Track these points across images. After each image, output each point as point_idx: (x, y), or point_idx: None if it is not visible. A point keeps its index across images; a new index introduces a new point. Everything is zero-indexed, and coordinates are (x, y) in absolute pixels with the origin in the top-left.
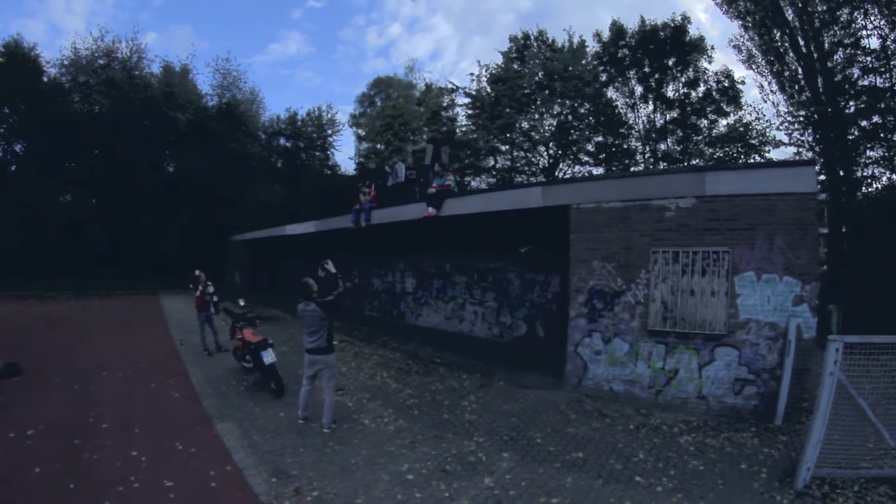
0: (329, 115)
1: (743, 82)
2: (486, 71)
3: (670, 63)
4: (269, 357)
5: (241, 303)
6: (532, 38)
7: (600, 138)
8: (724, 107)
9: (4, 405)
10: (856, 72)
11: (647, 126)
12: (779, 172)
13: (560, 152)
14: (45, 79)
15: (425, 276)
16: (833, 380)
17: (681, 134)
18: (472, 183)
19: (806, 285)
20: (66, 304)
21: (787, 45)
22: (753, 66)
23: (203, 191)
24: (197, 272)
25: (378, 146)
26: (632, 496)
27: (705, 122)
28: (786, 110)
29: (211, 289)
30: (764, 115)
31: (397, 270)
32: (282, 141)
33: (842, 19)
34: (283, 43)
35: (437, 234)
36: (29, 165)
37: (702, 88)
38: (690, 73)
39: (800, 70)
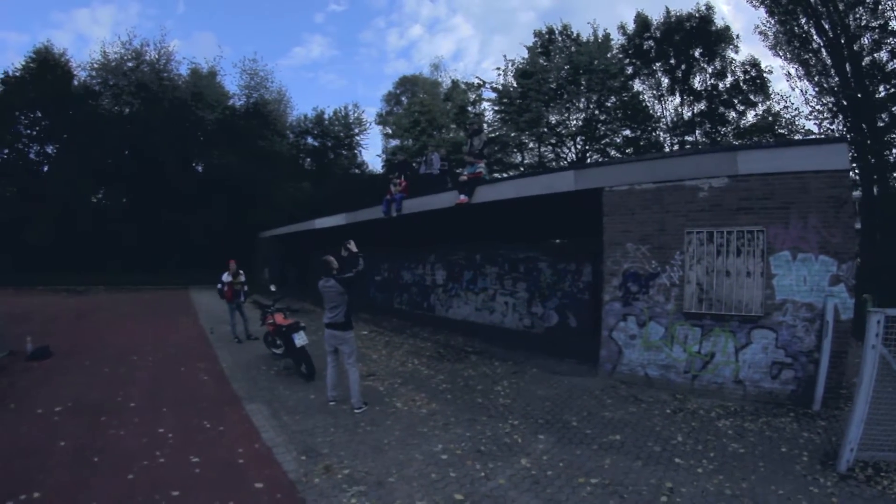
0: (356, 115)
1: (770, 71)
2: (511, 66)
3: (696, 54)
4: (300, 339)
5: (273, 288)
6: (556, 32)
7: (628, 132)
8: (752, 97)
9: (33, 385)
10: (884, 55)
11: (675, 119)
12: (811, 150)
13: (588, 147)
14: (76, 82)
15: (455, 267)
16: (875, 353)
17: (709, 126)
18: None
19: (842, 264)
20: (97, 297)
21: (812, 29)
22: (780, 53)
23: (232, 188)
24: (230, 262)
25: (407, 142)
26: (672, 477)
27: (733, 113)
28: (814, 97)
29: (242, 278)
30: (792, 104)
31: (427, 263)
32: (309, 140)
33: (867, 1)
34: (306, 46)
35: (468, 226)
36: (61, 166)
37: (729, 79)
38: (717, 64)
39: (826, 56)
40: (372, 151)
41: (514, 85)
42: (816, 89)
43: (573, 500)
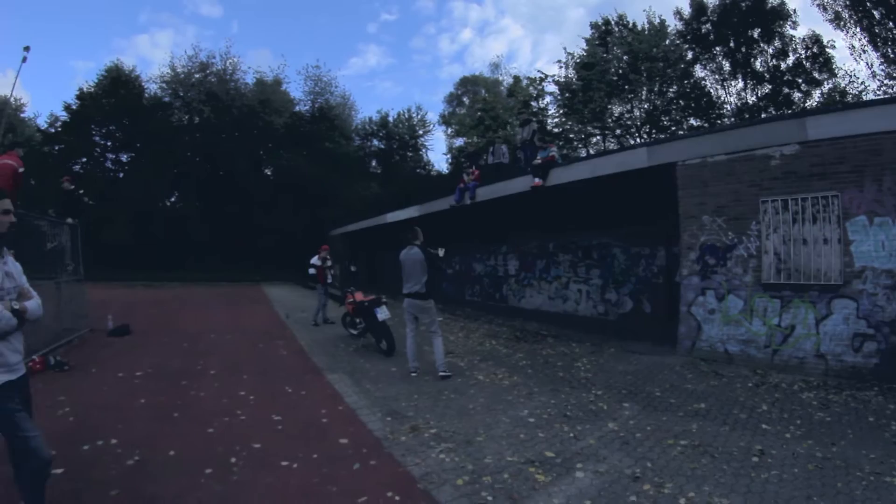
0: (419, 116)
1: (832, 45)
2: (571, 59)
3: (755, 35)
4: (382, 314)
5: (353, 269)
6: (612, 22)
7: (693, 121)
8: (817, 75)
9: (114, 355)
10: None
11: (739, 104)
12: (882, 110)
13: (652, 138)
14: (147, 95)
15: (528, 257)
16: None
17: (774, 110)
18: None
19: None
20: (172, 290)
21: None
22: (841, 26)
23: (301, 189)
24: (322, 247)
25: (473, 139)
26: (760, 441)
27: (798, 94)
28: (881, 68)
29: (329, 262)
30: (857, 78)
31: (499, 254)
32: (375, 142)
33: None
34: (362, 56)
35: (540, 214)
36: (136, 172)
37: (791, 58)
38: (777, 43)
39: (893, 25)
40: (437, 152)
41: (576, 78)
42: (883, 60)
43: (664, 458)
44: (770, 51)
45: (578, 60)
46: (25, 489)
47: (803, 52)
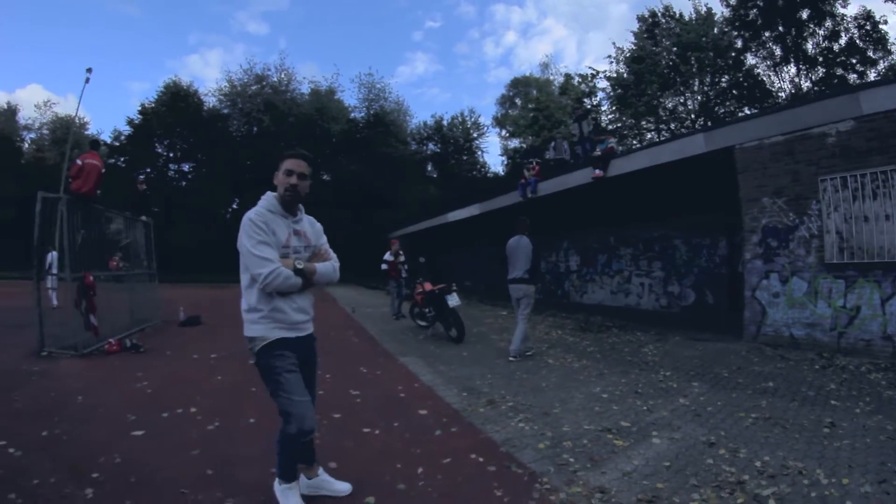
0: (472, 120)
1: (885, 21)
2: (621, 53)
3: (804, 16)
4: (453, 301)
5: (422, 259)
6: (659, 14)
7: (747, 111)
8: (871, 54)
9: (188, 341)
10: None
11: (794, 91)
12: None
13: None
14: (206, 107)
15: (589, 251)
16: None
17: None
18: None
19: None
20: (237, 290)
21: None
22: None
23: (359, 192)
24: (392, 242)
25: (528, 139)
26: (830, 415)
27: (853, 75)
28: None
29: (402, 258)
30: None
31: (561, 250)
32: (430, 146)
33: None
34: (410, 64)
35: (600, 207)
36: (198, 180)
37: (843, 39)
38: (828, 24)
39: None
40: (492, 154)
41: (626, 72)
42: None
43: (737, 428)
44: (821, 32)
45: (628, 55)
46: (277, 449)
47: (856, 30)
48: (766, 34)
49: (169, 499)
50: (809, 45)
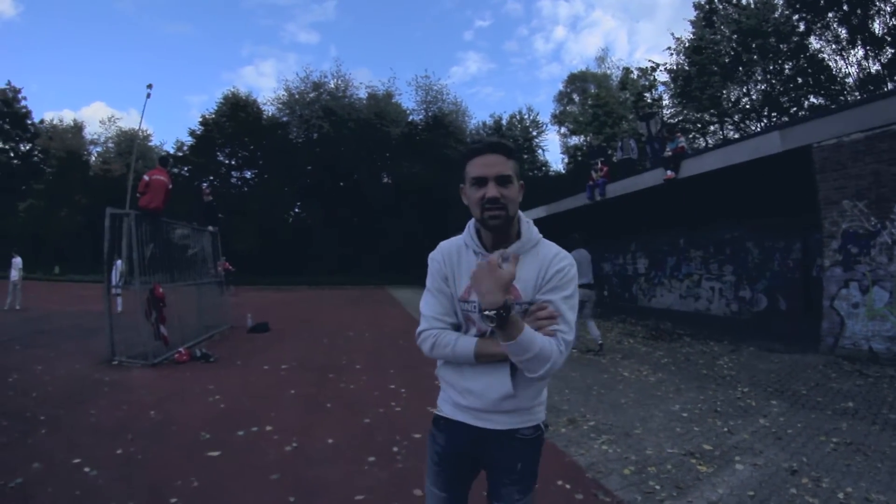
0: (531, 118)
1: None
2: (680, 44)
3: None
4: None
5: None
6: (716, 0)
7: (812, 98)
8: None
9: (257, 350)
10: None
11: (862, 75)
12: None
13: (773, 122)
14: (265, 116)
15: (658, 254)
16: None
17: None
18: None
19: None
20: (301, 293)
21: None
22: None
23: (421, 194)
24: None
25: (589, 136)
26: None
27: None
28: None
29: None
30: None
31: (628, 252)
32: None
33: None
34: (462, 65)
35: (670, 209)
36: (260, 187)
37: None
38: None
39: None
40: (552, 152)
41: (687, 63)
42: None
43: (818, 454)
44: (888, 9)
45: (687, 45)
46: None
47: None
48: (830, 15)
49: None
50: (877, 25)
